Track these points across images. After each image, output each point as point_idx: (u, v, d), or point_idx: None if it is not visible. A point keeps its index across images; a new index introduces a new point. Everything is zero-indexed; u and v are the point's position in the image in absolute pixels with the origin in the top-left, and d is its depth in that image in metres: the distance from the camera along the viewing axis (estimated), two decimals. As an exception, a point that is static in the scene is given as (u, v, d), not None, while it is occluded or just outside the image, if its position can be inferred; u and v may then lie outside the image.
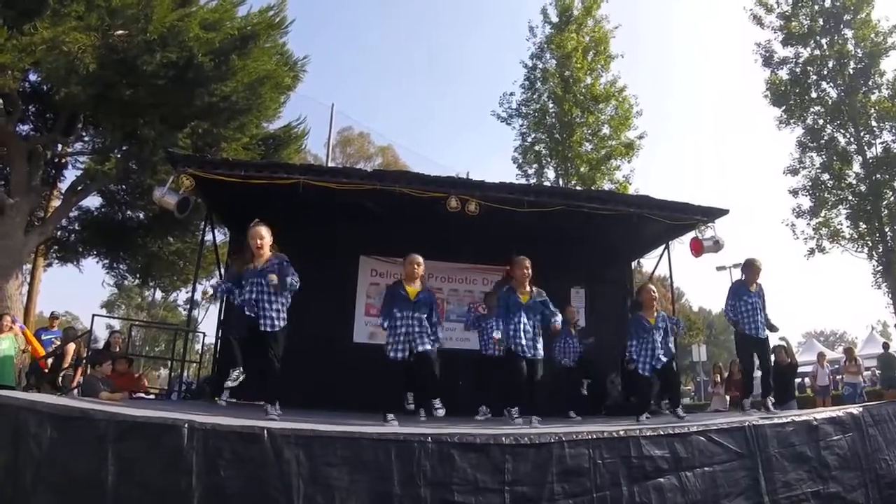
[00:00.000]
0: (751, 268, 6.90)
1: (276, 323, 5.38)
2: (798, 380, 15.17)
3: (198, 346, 16.92)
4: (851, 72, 18.69)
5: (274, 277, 5.41)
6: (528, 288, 6.09)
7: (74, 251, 15.94)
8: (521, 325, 5.92)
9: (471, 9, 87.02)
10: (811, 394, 15.60)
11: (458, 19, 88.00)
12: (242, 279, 5.54)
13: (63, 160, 14.87)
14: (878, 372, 21.50)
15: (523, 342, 5.89)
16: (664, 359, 6.49)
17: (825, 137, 19.10)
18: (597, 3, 20.52)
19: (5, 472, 3.55)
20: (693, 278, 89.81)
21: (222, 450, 3.57)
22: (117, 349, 10.51)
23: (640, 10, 78.49)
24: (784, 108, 19.66)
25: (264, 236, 5.65)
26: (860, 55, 18.66)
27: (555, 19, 20.79)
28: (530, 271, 6.03)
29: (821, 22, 19.20)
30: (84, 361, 9.92)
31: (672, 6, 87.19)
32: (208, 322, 34.68)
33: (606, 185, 19.06)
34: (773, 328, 6.77)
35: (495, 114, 21.29)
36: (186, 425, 3.61)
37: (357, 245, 10.39)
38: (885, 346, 14.72)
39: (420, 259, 5.99)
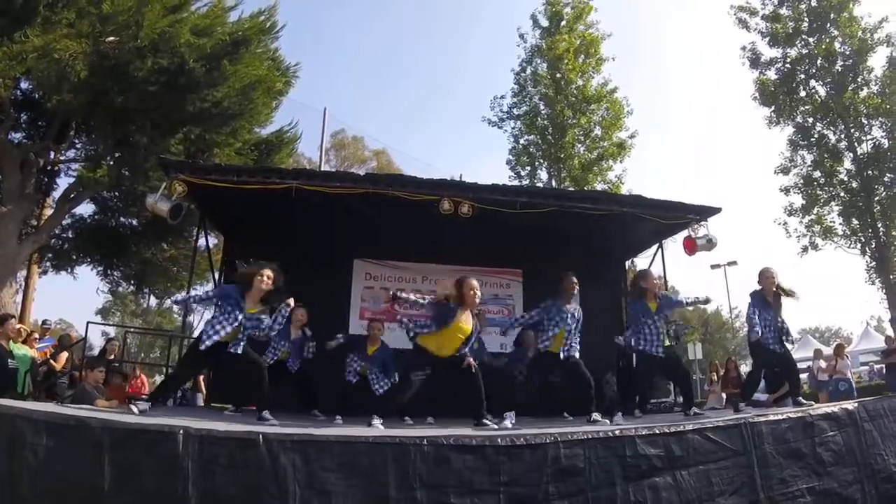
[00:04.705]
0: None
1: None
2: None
3: (193, 352, 16.86)
4: (839, 69, 18.77)
5: None
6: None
7: (68, 259, 15.86)
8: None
9: (463, 13, 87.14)
10: (808, 390, 15.63)
11: (450, 23, 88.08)
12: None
13: (56, 168, 14.80)
14: (876, 367, 21.63)
15: None
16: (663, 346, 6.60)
17: (815, 135, 19.19)
18: (587, 9, 20.64)
19: (2, 480, 3.55)
20: (687, 277, 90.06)
21: (218, 456, 3.57)
22: (113, 356, 10.47)
23: (632, 14, 78.67)
24: (773, 107, 19.75)
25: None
26: (847, 53, 18.75)
27: (545, 24, 20.89)
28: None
29: (807, 21, 19.30)
30: (80, 369, 9.89)
31: (665, 8, 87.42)
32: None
33: (599, 186, 19.12)
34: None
35: (486, 119, 21.47)
36: (182, 432, 3.61)
37: (351, 249, 10.40)
38: None
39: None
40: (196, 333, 6.42)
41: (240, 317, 5.52)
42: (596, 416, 6.18)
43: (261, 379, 5.63)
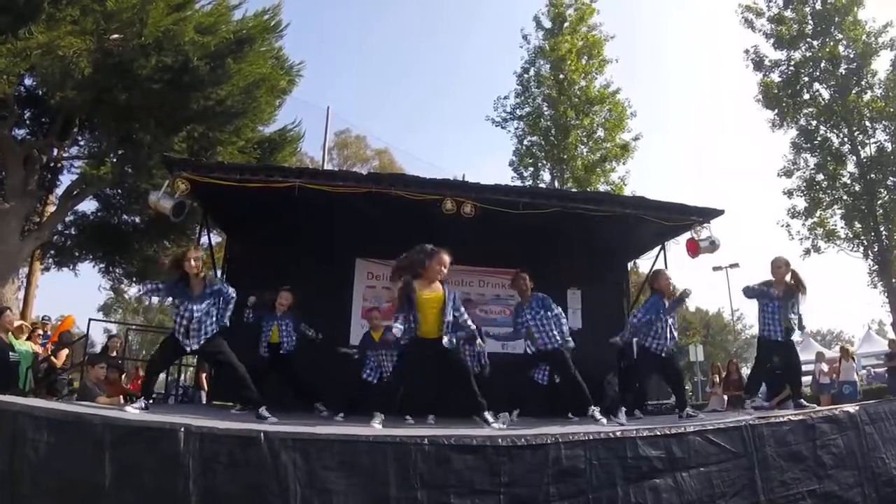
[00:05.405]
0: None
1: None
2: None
3: (194, 350, 16.88)
4: (843, 73, 18.78)
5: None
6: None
7: (71, 255, 15.88)
8: None
9: (464, 12, 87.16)
10: (810, 392, 15.63)
11: (451, 22, 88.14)
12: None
13: (59, 164, 14.82)
14: (873, 370, 21.63)
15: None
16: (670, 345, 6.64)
17: (819, 138, 19.19)
18: (590, 11, 20.65)
19: (2, 477, 3.55)
20: (689, 279, 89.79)
21: (219, 454, 3.57)
22: (115, 353, 10.50)
23: (634, 14, 78.64)
24: (777, 110, 19.75)
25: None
26: (851, 56, 18.75)
27: (548, 25, 20.91)
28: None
29: (811, 24, 19.30)
30: (81, 365, 9.91)
31: (667, 9, 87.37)
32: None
33: (602, 187, 19.14)
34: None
35: (490, 119, 21.52)
36: (183, 429, 3.61)
37: (353, 248, 10.39)
38: None
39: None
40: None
41: (192, 307, 5.56)
42: (595, 412, 6.19)
43: (242, 379, 5.65)
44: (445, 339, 5.41)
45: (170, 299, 5.87)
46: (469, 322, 5.68)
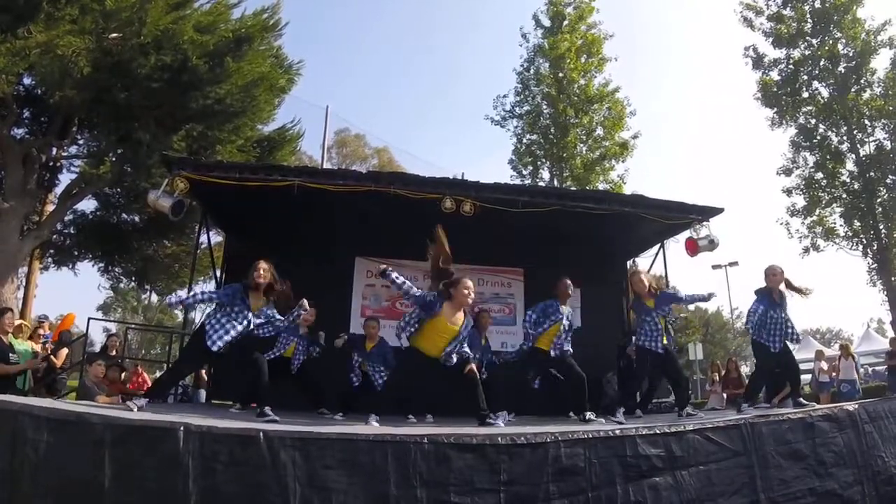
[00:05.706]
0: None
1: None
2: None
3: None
4: (843, 71, 18.78)
5: None
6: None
7: (70, 255, 15.88)
8: None
9: (464, 10, 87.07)
10: (809, 391, 15.64)
11: (451, 20, 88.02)
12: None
13: (58, 164, 14.80)
14: (871, 369, 21.66)
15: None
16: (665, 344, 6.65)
17: (818, 137, 19.20)
18: (588, 10, 20.66)
19: (3, 476, 3.54)
20: (689, 277, 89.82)
21: (219, 453, 3.56)
22: (114, 352, 10.48)
23: (634, 14, 78.63)
24: (776, 109, 19.76)
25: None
26: (850, 55, 18.75)
27: (547, 24, 20.92)
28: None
29: (810, 22, 19.30)
30: (80, 365, 9.89)
31: (666, 7, 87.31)
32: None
33: (601, 186, 19.14)
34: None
35: (489, 118, 21.51)
36: (182, 428, 3.60)
37: (352, 246, 10.39)
38: None
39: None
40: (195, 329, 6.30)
41: (249, 315, 5.50)
42: (590, 414, 6.19)
43: (260, 375, 5.59)
44: (444, 358, 5.49)
45: (202, 305, 5.79)
46: (465, 348, 5.68)
